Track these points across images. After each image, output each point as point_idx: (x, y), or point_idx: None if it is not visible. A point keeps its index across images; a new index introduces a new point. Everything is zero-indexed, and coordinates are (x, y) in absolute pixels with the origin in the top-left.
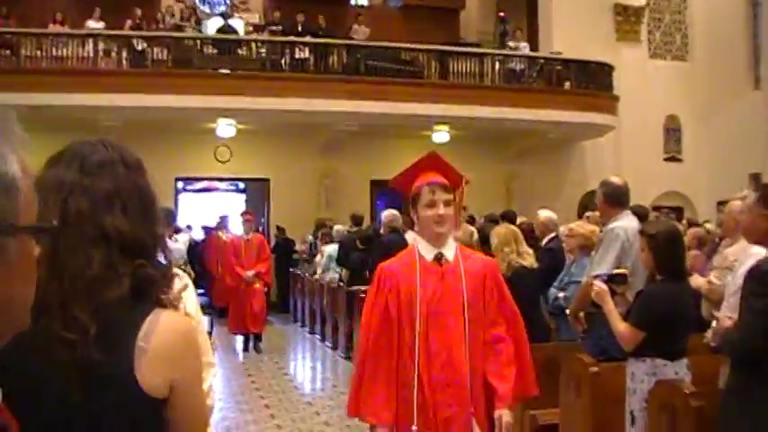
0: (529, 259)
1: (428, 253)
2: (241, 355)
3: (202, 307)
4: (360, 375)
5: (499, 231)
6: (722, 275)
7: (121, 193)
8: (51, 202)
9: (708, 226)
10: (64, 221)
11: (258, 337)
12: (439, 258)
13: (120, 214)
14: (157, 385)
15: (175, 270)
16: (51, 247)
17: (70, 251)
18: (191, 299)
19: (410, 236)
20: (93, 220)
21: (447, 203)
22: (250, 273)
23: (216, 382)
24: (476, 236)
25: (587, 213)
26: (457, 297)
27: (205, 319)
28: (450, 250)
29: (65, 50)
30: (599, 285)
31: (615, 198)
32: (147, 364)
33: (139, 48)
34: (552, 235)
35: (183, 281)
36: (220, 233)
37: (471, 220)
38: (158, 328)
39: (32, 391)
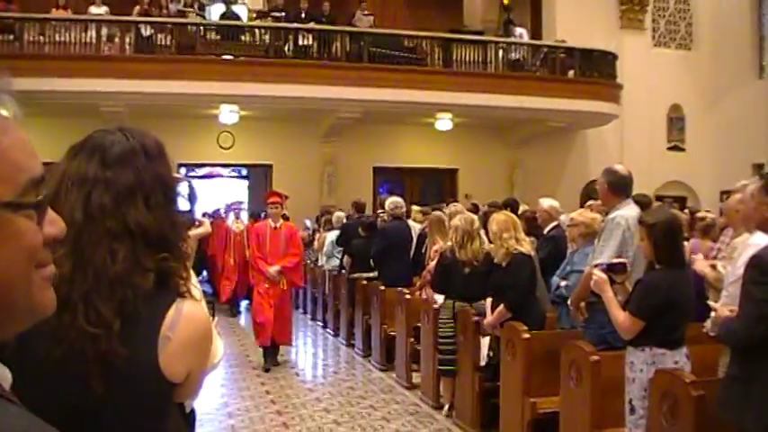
0: (526, 246)
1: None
2: (241, 341)
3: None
4: None
5: (498, 218)
6: (728, 265)
7: (143, 185)
8: (74, 197)
9: (710, 216)
10: (87, 216)
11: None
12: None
13: (142, 208)
14: (179, 372)
15: None
16: (75, 242)
17: (93, 246)
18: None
19: (412, 223)
20: (116, 215)
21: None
22: (274, 269)
23: (218, 369)
24: (477, 223)
25: (590, 202)
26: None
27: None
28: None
29: (68, 36)
30: (598, 274)
31: (618, 187)
32: (172, 353)
33: (144, 33)
34: (555, 223)
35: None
36: (233, 221)
37: (475, 209)
38: (182, 318)
39: (53, 381)
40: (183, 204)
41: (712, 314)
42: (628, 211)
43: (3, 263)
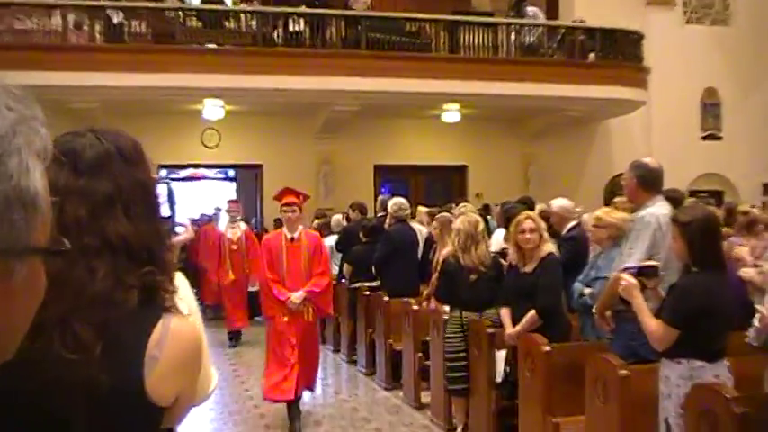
0: (551, 247)
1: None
2: (229, 357)
3: None
4: None
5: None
6: None
7: (122, 193)
8: None
9: (755, 210)
10: (61, 232)
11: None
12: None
13: (122, 218)
14: (167, 395)
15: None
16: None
17: (70, 264)
18: (188, 295)
19: (418, 226)
20: (93, 229)
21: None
22: (297, 296)
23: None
24: (481, 225)
25: (616, 199)
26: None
27: None
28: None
29: (29, 23)
30: (627, 279)
31: (648, 181)
32: (160, 374)
33: (115, 20)
34: (573, 223)
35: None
36: (227, 227)
37: (485, 210)
38: (169, 336)
39: (28, 416)
40: (163, 210)
41: (755, 321)
42: (658, 209)
43: (27, 311)
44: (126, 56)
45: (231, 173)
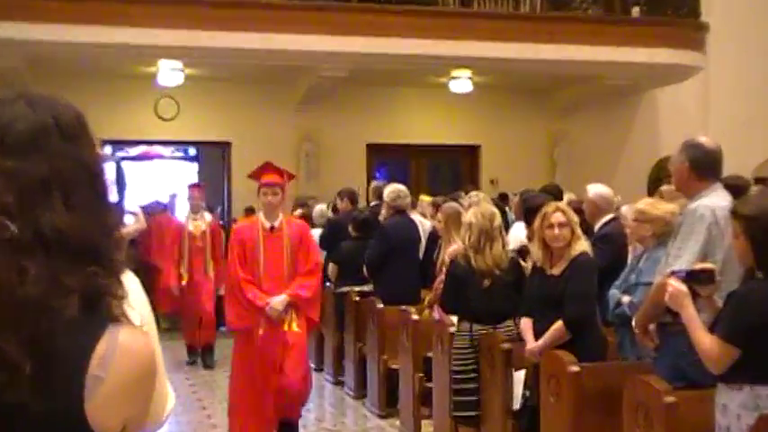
0: (585, 245)
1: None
2: (189, 378)
3: None
4: None
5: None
6: None
7: (61, 176)
8: None
9: None
10: None
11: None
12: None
13: (60, 207)
14: (112, 424)
15: None
16: None
17: None
18: (140, 301)
19: (419, 218)
20: (24, 219)
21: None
22: (278, 300)
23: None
24: (498, 219)
25: (662, 188)
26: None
27: None
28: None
29: None
30: (676, 285)
31: (703, 166)
32: (104, 398)
33: None
34: (609, 217)
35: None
36: (189, 217)
37: (503, 199)
38: (117, 352)
39: None
40: (111, 196)
41: None
42: (716, 200)
43: None
44: (61, 4)
45: (192, 151)
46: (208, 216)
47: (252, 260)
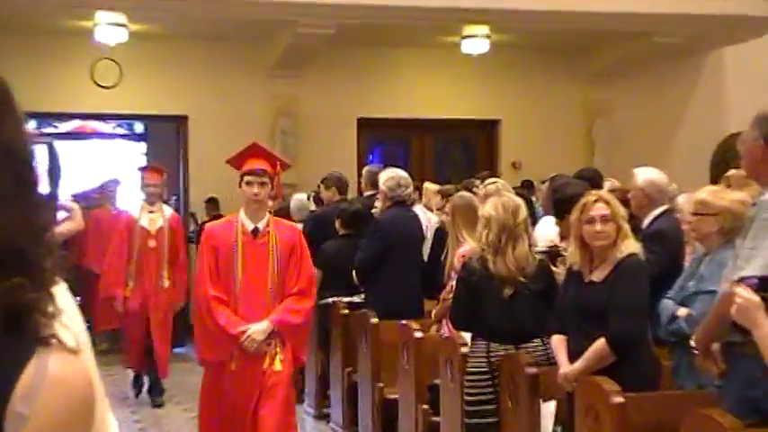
0: (635, 245)
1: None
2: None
3: None
4: None
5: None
6: None
7: None
8: None
9: None
10: None
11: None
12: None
13: None
14: None
15: None
16: None
17: None
18: (75, 319)
19: (423, 211)
20: None
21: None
22: (259, 328)
23: None
24: (523, 213)
25: (730, 172)
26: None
27: None
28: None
29: None
30: (746, 296)
31: None
32: None
33: None
34: (662, 209)
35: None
36: (143, 209)
37: (528, 187)
38: (46, 383)
39: None
40: (41, 186)
41: None
42: None
43: None
44: None
45: (138, 127)
46: (167, 209)
47: (226, 273)
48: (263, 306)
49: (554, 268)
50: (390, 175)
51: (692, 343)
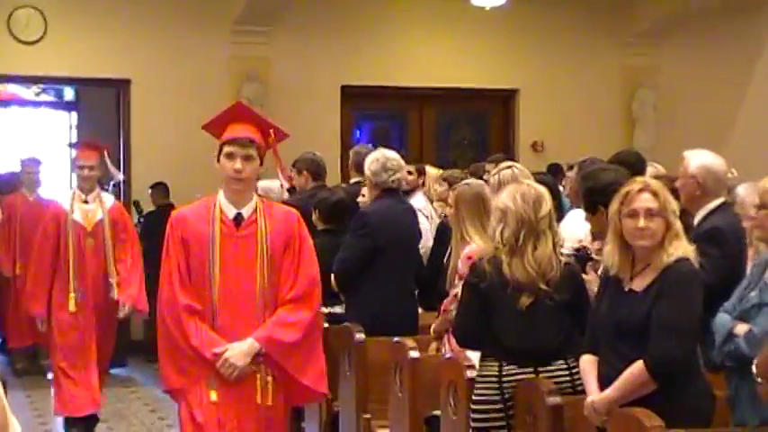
0: (687, 248)
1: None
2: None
3: None
4: None
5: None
6: None
7: None
8: None
9: None
10: None
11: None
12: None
13: None
14: None
15: None
16: None
17: None
18: None
19: (422, 202)
20: None
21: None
22: (238, 349)
23: None
24: (547, 204)
25: None
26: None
27: None
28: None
29: None
30: None
31: None
32: None
33: None
34: (718, 202)
35: None
36: (75, 197)
37: (553, 173)
38: None
39: None
40: None
41: None
42: None
43: None
44: None
45: (68, 93)
46: (108, 198)
47: (200, 274)
48: (248, 318)
49: (587, 276)
50: (376, 157)
51: (754, 368)
